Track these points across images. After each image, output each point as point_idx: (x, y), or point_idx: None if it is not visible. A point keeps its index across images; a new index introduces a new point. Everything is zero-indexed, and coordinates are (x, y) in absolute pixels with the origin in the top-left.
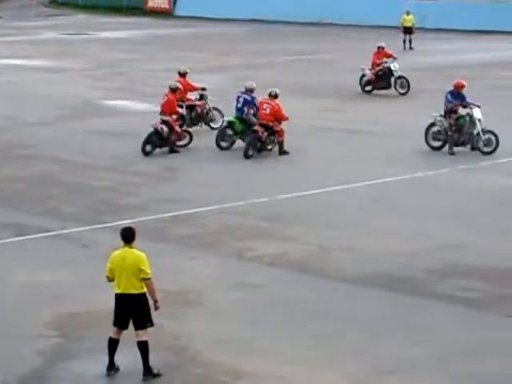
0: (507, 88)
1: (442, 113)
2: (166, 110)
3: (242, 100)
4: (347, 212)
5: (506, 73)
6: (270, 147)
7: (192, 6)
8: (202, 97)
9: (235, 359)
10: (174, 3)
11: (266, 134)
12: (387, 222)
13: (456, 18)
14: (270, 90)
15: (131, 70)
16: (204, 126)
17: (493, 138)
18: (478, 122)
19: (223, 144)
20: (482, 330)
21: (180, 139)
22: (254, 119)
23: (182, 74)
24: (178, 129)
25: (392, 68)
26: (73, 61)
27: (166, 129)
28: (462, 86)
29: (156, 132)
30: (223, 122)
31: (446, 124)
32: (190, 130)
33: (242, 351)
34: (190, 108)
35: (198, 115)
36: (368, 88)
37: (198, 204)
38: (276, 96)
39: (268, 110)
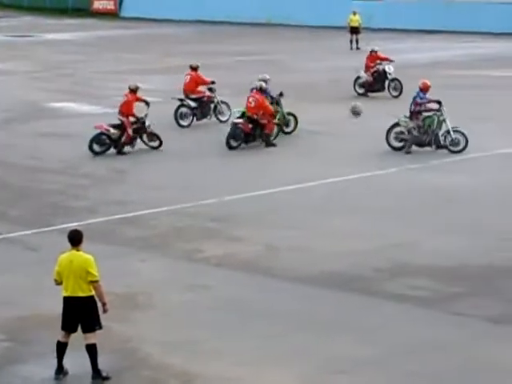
0: (459, 87)
1: (407, 113)
2: (124, 111)
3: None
4: (298, 211)
5: (456, 72)
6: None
7: (138, 7)
8: (210, 90)
9: (185, 361)
10: (120, 4)
11: (250, 126)
12: (337, 222)
13: (402, 18)
14: (254, 84)
15: (77, 72)
16: (212, 119)
17: (461, 138)
18: (447, 122)
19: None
20: (430, 328)
21: (131, 142)
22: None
23: (194, 68)
24: (130, 131)
25: (387, 70)
26: (19, 63)
27: (113, 130)
28: (429, 87)
29: (103, 133)
30: (231, 114)
31: (411, 124)
32: (157, 133)
33: (192, 353)
34: (200, 101)
35: (206, 108)
36: (361, 91)
37: (148, 206)
38: (262, 90)
39: (253, 103)
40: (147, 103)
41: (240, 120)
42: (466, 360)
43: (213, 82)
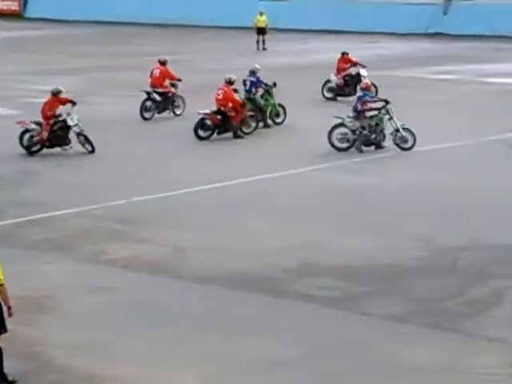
0: None
1: (350, 114)
2: (44, 112)
3: (248, 83)
4: (208, 212)
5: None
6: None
7: (43, 7)
8: (173, 85)
9: (91, 364)
10: (25, 5)
11: (218, 117)
12: (248, 222)
13: (309, 19)
14: (226, 77)
15: None
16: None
17: (409, 135)
18: (395, 120)
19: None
20: (338, 327)
21: (43, 145)
22: (261, 100)
23: (163, 63)
24: (45, 134)
25: (361, 74)
26: None
27: (34, 126)
28: (370, 87)
29: (27, 130)
30: (185, 108)
31: (357, 124)
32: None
33: (98, 355)
34: (165, 96)
35: (168, 102)
36: (330, 95)
37: (55, 208)
38: (230, 82)
39: (221, 95)
40: (179, 79)
41: (207, 111)
42: (373, 359)
43: (179, 80)
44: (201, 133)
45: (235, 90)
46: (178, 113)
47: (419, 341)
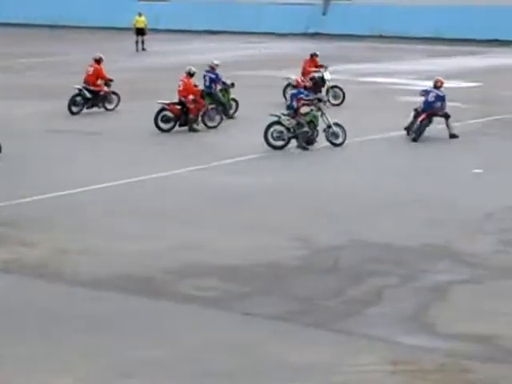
0: (247, 88)
1: (284, 111)
2: None
3: (208, 78)
4: (91, 213)
5: (241, 72)
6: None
7: None
8: (106, 85)
9: None
10: None
11: (178, 108)
12: (128, 223)
13: (189, 19)
14: (186, 68)
15: None
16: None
17: (341, 131)
18: (327, 116)
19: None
20: (220, 328)
21: None
22: (220, 95)
23: (97, 61)
24: None
25: (325, 77)
26: None
27: None
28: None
29: None
30: (119, 103)
31: (293, 122)
32: None
33: None
34: (96, 94)
35: (98, 100)
36: None
37: None
38: (190, 74)
39: (182, 86)
40: (111, 80)
41: (165, 101)
42: (256, 359)
43: (111, 80)
44: (162, 125)
45: (195, 86)
46: (109, 108)
47: (302, 340)
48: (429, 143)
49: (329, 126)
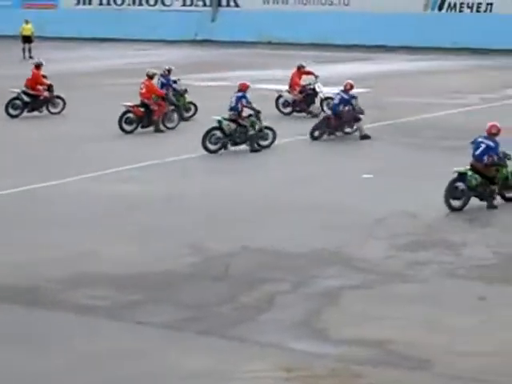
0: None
1: (226, 115)
2: None
3: (159, 82)
4: None
5: (125, 80)
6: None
7: None
8: (49, 90)
9: None
10: None
11: (141, 110)
12: (17, 232)
13: (77, 26)
14: (147, 71)
15: None
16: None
17: (270, 133)
18: (262, 119)
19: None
20: (112, 338)
21: None
22: (173, 99)
23: (37, 66)
24: None
25: (317, 89)
26: None
27: None
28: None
29: None
30: (64, 107)
31: (233, 127)
32: None
33: None
34: (35, 98)
35: (38, 104)
36: (287, 110)
37: None
38: (150, 76)
39: (144, 89)
40: (50, 85)
41: (129, 103)
42: (149, 367)
43: (49, 85)
44: (125, 126)
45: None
46: (53, 111)
47: (194, 348)
48: (325, 147)
49: (260, 130)
